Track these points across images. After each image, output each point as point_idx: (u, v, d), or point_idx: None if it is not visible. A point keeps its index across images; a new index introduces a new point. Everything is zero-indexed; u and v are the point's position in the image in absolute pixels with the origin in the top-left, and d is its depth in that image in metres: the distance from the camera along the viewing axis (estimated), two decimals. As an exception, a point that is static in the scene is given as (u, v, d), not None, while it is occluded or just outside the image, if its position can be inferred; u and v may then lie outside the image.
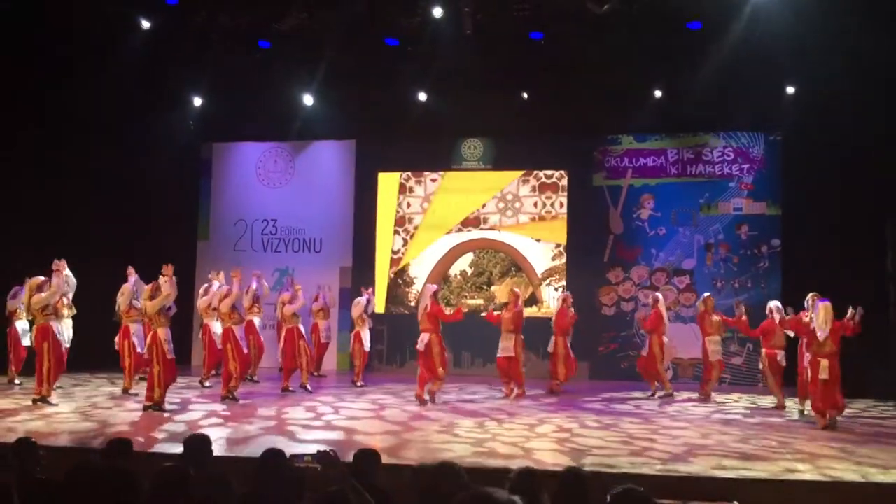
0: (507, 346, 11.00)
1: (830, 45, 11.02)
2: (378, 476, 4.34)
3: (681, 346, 13.24)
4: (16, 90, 12.02)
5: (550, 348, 11.73)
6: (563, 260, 14.18)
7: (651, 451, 7.22)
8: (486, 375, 12.80)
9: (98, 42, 12.15)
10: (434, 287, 10.91)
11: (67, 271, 9.77)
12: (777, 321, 10.15)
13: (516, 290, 11.54)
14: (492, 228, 14.53)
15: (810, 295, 9.69)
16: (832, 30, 10.94)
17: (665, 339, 11.50)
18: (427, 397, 10.22)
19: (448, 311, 11.17)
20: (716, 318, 11.11)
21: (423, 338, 10.36)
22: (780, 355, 10.35)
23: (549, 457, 6.89)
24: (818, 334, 8.79)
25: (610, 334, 13.61)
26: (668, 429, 8.56)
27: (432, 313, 10.43)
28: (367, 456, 4.45)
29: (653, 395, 11.37)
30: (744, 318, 10.86)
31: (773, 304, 10.49)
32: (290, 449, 4.85)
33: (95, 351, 11.96)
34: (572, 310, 11.83)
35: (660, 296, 11.83)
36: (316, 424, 8.56)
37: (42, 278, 9.63)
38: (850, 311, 9.02)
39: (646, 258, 13.83)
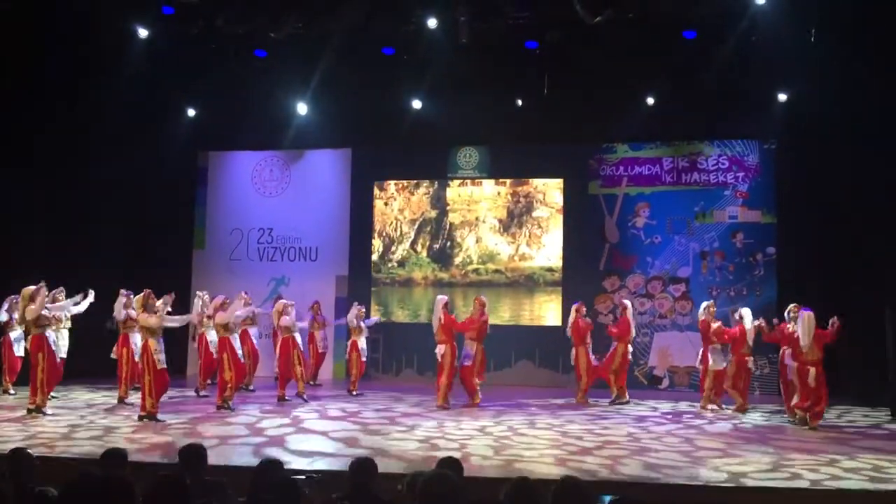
0: (467, 353, 10.87)
1: (824, 52, 11.07)
2: (376, 484, 4.33)
3: (677, 354, 13.24)
4: (11, 99, 12.02)
5: (573, 360, 11.56)
6: (560, 268, 14.19)
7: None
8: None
9: (94, 51, 12.16)
10: (444, 298, 10.93)
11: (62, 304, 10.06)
12: (747, 327, 10.44)
13: (482, 297, 11.35)
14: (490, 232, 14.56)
15: (791, 305, 9.86)
16: (826, 38, 11.01)
17: (630, 347, 11.56)
18: (442, 402, 10.47)
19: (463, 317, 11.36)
20: (715, 325, 11.07)
21: (440, 349, 10.55)
22: (751, 361, 10.73)
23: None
24: (802, 343, 9.02)
25: (607, 342, 13.54)
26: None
27: (446, 325, 10.52)
28: (365, 465, 4.43)
29: (615, 400, 11.27)
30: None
31: (744, 310, 10.69)
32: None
33: (91, 360, 11.93)
34: (588, 319, 11.63)
35: (628, 303, 11.87)
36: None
37: (34, 287, 9.60)
38: (832, 321, 9.17)
39: (641, 266, 13.84)
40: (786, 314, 9.98)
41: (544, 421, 9.56)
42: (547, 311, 14.17)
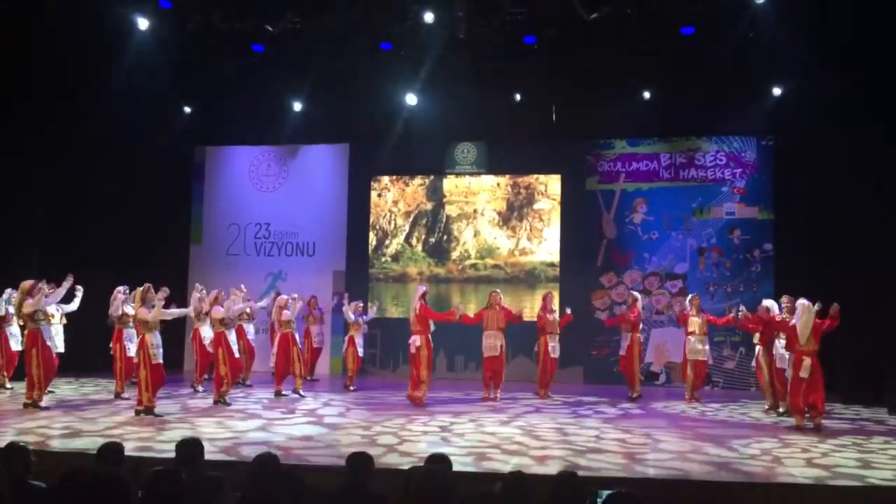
0: (493, 344, 11.01)
1: (822, 49, 11.07)
2: (372, 479, 4.33)
3: (673, 350, 13.25)
4: (9, 97, 11.98)
5: (536, 348, 11.75)
6: (557, 264, 14.20)
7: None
8: (478, 379, 12.75)
9: (91, 47, 12.11)
10: (423, 288, 10.89)
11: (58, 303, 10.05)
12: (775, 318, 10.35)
13: (496, 290, 11.51)
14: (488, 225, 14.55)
15: (784, 297, 9.86)
16: (824, 34, 11.00)
17: (640, 337, 11.63)
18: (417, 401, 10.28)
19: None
20: (697, 318, 11.08)
21: (415, 340, 10.42)
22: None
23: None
24: (800, 332, 8.91)
25: (603, 338, 13.60)
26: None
27: (422, 315, 10.45)
28: (361, 459, 4.43)
29: (633, 397, 11.28)
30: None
31: (769, 302, 10.66)
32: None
33: (88, 355, 11.90)
34: (555, 309, 11.74)
35: (638, 295, 11.89)
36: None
37: (32, 281, 9.61)
38: (816, 306, 9.02)
39: (639, 262, 13.86)
40: (778, 306, 10.03)
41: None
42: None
